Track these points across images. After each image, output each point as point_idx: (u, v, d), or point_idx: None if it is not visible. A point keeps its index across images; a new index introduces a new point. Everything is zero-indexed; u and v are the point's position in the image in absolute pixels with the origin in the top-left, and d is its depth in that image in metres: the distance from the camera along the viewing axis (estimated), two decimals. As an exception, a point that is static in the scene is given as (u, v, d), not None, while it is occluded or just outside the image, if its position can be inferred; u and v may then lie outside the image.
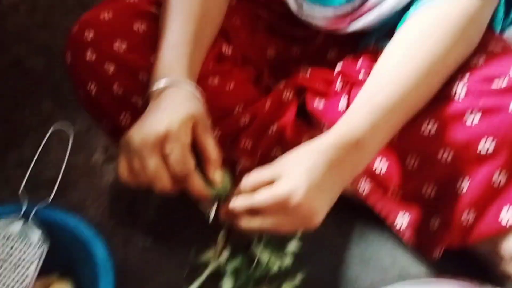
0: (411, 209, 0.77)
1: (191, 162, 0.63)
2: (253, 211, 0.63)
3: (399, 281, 0.71)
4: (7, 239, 0.70)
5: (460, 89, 0.66)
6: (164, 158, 0.63)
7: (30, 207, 0.72)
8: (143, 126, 0.64)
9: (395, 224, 0.79)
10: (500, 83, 0.65)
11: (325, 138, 0.64)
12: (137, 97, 0.76)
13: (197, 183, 0.65)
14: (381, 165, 0.77)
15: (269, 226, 0.63)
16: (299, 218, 0.62)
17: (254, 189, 0.64)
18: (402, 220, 0.79)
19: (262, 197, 0.62)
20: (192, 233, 0.84)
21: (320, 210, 0.63)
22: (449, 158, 0.68)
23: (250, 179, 0.65)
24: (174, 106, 0.65)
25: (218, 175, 0.66)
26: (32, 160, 0.97)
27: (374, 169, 0.78)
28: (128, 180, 0.66)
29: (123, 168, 0.65)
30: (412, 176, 0.74)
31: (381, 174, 0.77)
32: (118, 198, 0.90)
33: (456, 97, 0.66)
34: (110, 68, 0.77)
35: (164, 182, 0.63)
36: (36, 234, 0.70)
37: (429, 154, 0.70)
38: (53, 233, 0.71)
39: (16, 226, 0.71)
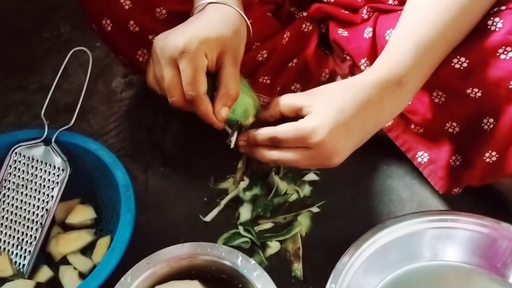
0: (433, 144, 0.76)
1: (201, 86, 0.60)
2: (273, 143, 0.63)
3: (413, 213, 0.71)
4: (31, 162, 0.72)
5: (497, 23, 0.62)
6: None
7: (52, 131, 0.72)
8: (168, 35, 0.61)
9: (415, 158, 0.78)
10: None
11: (368, 74, 0.61)
12: (155, 35, 0.73)
13: (203, 109, 0.62)
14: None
15: (288, 159, 0.62)
16: (318, 156, 0.61)
17: (284, 111, 0.63)
18: (423, 155, 0.78)
19: (285, 128, 0.61)
20: (211, 162, 0.85)
21: (342, 151, 0.61)
22: (478, 94, 0.66)
23: (283, 99, 0.63)
24: (206, 24, 0.62)
25: (224, 112, 0.63)
26: (52, 85, 0.97)
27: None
28: (152, 85, 0.65)
29: (150, 72, 0.64)
30: (437, 111, 0.72)
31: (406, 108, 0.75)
32: (138, 125, 0.90)
33: (492, 30, 0.63)
34: (127, 2, 0.74)
35: (175, 97, 0.62)
36: (58, 158, 0.71)
37: (457, 89, 0.68)
38: (75, 158, 0.72)
39: (39, 150, 0.72)
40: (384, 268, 0.69)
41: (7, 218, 0.71)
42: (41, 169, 0.71)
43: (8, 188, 0.71)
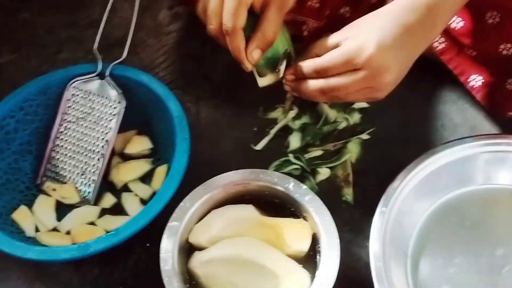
0: (487, 67, 0.73)
1: (239, 19, 0.60)
2: (320, 73, 0.62)
3: (466, 137, 0.70)
4: (88, 95, 0.74)
5: None
6: None
7: (105, 65, 0.74)
8: None
9: (468, 82, 0.76)
10: None
11: (395, 0, 0.60)
12: None
13: (236, 44, 0.61)
14: (457, 21, 0.72)
15: (337, 85, 0.61)
16: (369, 76, 0.59)
17: (322, 52, 0.62)
18: (477, 79, 0.75)
19: (330, 55, 0.60)
20: (260, 92, 0.84)
21: (392, 66, 0.60)
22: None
23: (318, 42, 0.62)
24: None
25: (256, 54, 0.62)
26: (101, 20, 0.99)
27: (449, 23, 0.73)
28: (200, 13, 0.65)
29: (200, 0, 0.65)
30: (491, 32, 0.69)
31: (456, 29, 0.72)
32: (187, 57, 0.91)
33: None
34: None
35: (213, 25, 0.62)
36: (114, 91, 0.73)
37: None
38: (129, 91, 0.74)
39: (94, 83, 0.74)
40: (435, 192, 0.69)
41: (70, 149, 0.75)
42: (98, 102, 0.74)
43: (69, 121, 0.75)
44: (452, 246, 0.66)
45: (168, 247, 0.61)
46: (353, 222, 0.71)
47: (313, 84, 0.63)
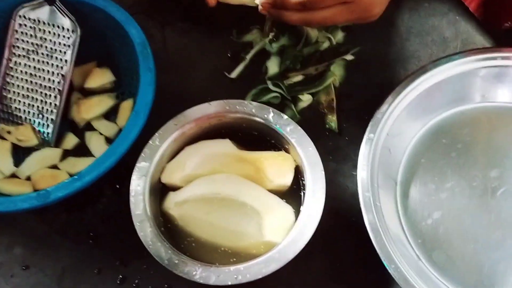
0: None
1: None
2: (306, 6, 0.57)
3: (458, 53, 0.64)
4: (37, 24, 0.66)
5: None
6: None
7: (54, -11, 0.66)
8: None
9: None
10: None
11: None
12: None
13: None
14: None
15: (323, 18, 0.58)
16: (358, 9, 0.57)
17: None
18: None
19: None
20: (233, 13, 0.77)
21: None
22: None
23: None
24: None
25: None
26: None
27: None
28: None
29: None
30: None
31: None
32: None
33: None
34: None
35: None
36: (66, 19, 0.65)
37: None
38: (84, 17, 0.67)
39: (44, 10, 0.66)
40: (425, 114, 0.65)
41: (22, 86, 0.67)
42: (49, 31, 0.66)
43: (18, 55, 0.67)
44: (443, 170, 0.63)
45: (138, 190, 0.56)
46: (338, 150, 0.67)
47: (298, 15, 0.59)
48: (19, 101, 0.68)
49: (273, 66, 0.72)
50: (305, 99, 0.70)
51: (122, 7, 0.67)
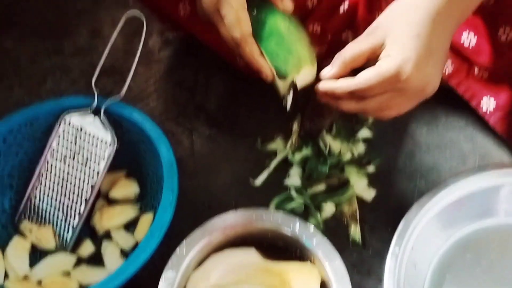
0: (500, 89, 0.70)
1: (246, 25, 0.59)
2: (356, 95, 0.57)
3: (480, 167, 0.66)
4: (79, 132, 0.68)
5: None
6: None
7: (99, 100, 0.69)
8: None
9: (480, 107, 0.72)
10: None
11: None
12: None
13: (249, 49, 0.60)
14: (469, 37, 0.69)
15: (379, 105, 0.57)
16: (410, 93, 0.56)
17: (355, 65, 0.57)
18: (489, 101, 0.72)
19: (366, 77, 0.55)
20: (256, 123, 0.80)
21: (433, 77, 0.56)
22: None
23: (348, 51, 0.57)
24: None
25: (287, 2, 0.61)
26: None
27: (462, 42, 0.69)
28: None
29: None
30: (504, 50, 0.66)
31: (470, 48, 0.69)
32: (180, 85, 0.86)
33: None
34: None
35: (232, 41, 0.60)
36: (107, 131, 0.67)
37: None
38: (121, 128, 0.69)
39: (87, 119, 0.68)
40: (449, 228, 0.65)
41: (53, 189, 0.69)
42: (88, 140, 0.68)
43: (56, 158, 0.69)
44: (469, 287, 0.62)
45: (165, 300, 0.56)
46: (363, 263, 0.66)
47: (353, 105, 0.58)
48: (47, 202, 0.69)
49: (295, 178, 0.73)
50: (328, 208, 0.71)
51: (153, 113, 0.71)
